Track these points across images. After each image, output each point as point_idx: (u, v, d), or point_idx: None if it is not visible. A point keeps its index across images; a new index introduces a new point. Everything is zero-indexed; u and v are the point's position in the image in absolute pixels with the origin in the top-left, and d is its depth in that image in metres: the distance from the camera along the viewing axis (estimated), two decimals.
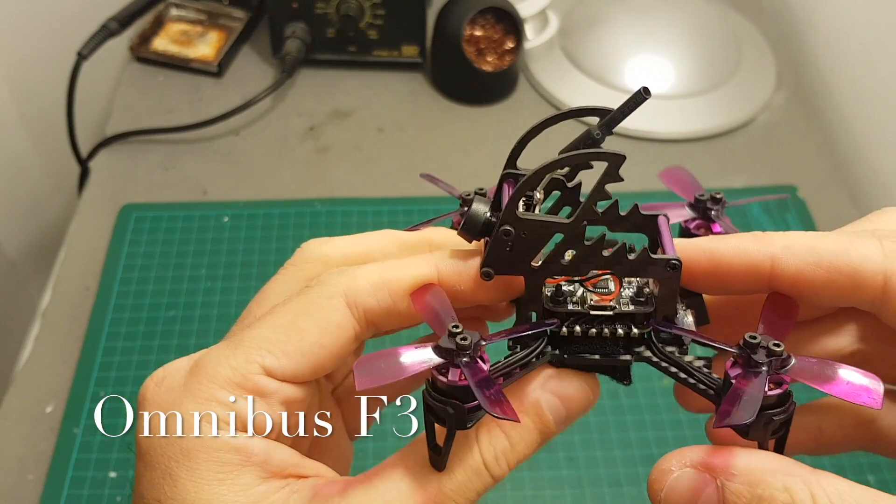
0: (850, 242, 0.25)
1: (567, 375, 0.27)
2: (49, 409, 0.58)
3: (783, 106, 0.83)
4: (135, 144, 0.76)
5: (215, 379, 0.26)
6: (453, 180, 0.83)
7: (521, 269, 0.27)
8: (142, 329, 0.62)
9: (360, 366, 0.24)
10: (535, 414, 0.27)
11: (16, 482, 0.54)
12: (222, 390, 0.25)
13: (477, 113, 0.80)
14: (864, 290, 0.25)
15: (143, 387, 0.27)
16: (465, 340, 0.24)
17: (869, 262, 0.25)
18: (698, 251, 0.27)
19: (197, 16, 0.86)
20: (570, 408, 0.27)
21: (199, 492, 0.25)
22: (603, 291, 0.28)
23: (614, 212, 0.28)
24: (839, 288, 0.25)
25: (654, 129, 0.78)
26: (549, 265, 0.27)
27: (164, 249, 0.67)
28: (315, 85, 0.83)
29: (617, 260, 0.26)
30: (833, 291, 0.26)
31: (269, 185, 0.73)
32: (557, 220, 0.26)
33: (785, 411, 0.24)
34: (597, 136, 0.29)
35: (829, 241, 0.26)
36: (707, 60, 0.83)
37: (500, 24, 0.79)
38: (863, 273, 0.25)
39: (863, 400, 0.23)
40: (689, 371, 0.27)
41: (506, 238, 0.26)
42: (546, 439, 0.27)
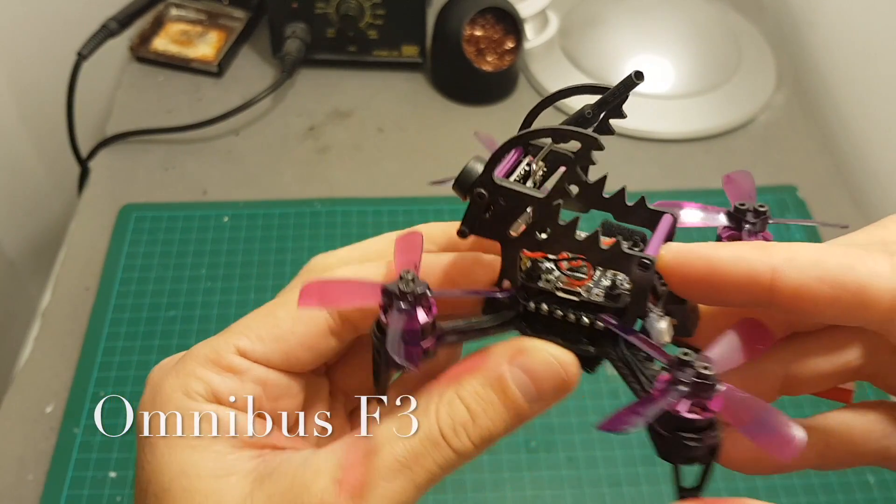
0: (858, 257, 0.24)
1: (537, 351, 0.26)
2: (49, 408, 0.58)
3: (783, 106, 0.83)
4: (135, 144, 0.76)
5: (196, 357, 0.28)
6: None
7: (497, 235, 0.26)
8: (142, 329, 0.62)
9: (310, 286, 0.25)
10: (500, 389, 0.26)
11: (16, 482, 0.54)
12: (200, 367, 0.28)
13: (477, 113, 0.80)
14: (871, 310, 0.23)
15: (150, 372, 0.30)
16: (407, 287, 0.24)
17: (878, 280, 0.23)
18: (695, 256, 0.25)
19: (197, 16, 0.86)
20: (541, 387, 0.26)
21: (172, 457, 0.26)
22: (578, 277, 0.27)
23: (621, 200, 0.27)
24: (844, 306, 0.24)
25: (654, 129, 0.79)
26: (525, 237, 0.26)
27: (164, 249, 0.67)
28: (315, 85, 0.83)
29: (589, 247, 0.26)
30: (837, 309, 0.24)
31: (269, 185, 0.73)
32: (530, 193, 0.26)
33: (699, 441, 0.23)
34: (588, 115, 0.28)
35: (836, 255, 0.24)
36: (707, 60, 0.83)
37: (500, 24, 0.79)
38: (870, 291, 0.23)
39: (775, 452, 0.22)
40: (639, 377, 0.26)
41: (480, 201, 0.26)
42: (519, 417, 0.26)
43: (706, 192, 0.74)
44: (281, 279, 0.66)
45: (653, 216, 0.27)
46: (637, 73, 0.26)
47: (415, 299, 0.25)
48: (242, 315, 0.67)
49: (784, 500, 0.55)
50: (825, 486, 0.56)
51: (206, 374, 0.27)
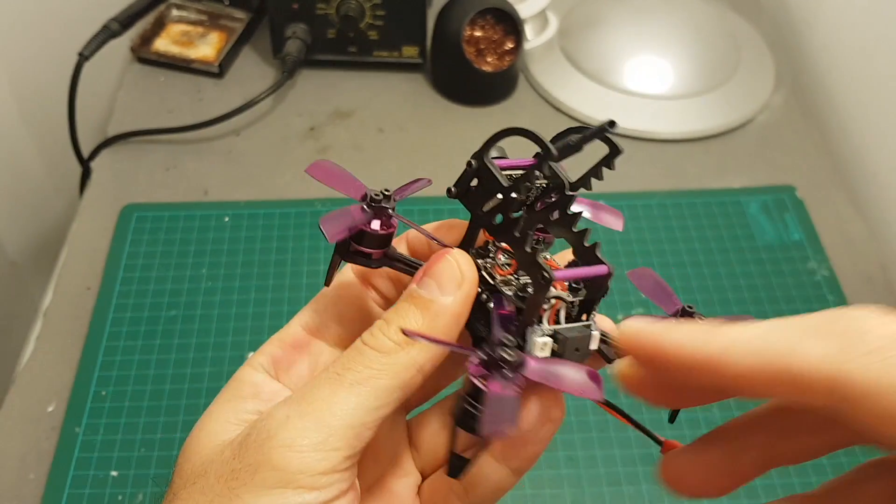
0: (798, 339, 0.23)
1: (437, 256, 0.30)
2: (51, 408, 0.58)
3: (782, 106, 0.83)
4: (136, 145, 0.76)
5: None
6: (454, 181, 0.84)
7: (472, 206, 0.31)
8: (143, 328, 0.62)
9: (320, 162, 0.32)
10: (407, 294, 0.30)
11: (17, 481, 0.55)
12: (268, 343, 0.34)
13: (477, 113, 0.81)
14: (812, 394, 0.22)
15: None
16: (377, 196, 0.31)
17: (818, 364, 0.22)
18: (645, 340, 0.25)
19: (198, 16, 0.86)
20: (440, 280, 0.29)
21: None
22: (504, 266, 0.30)
23: (580, 238, 0.30)
24: (784, 392, 0.23)
25: (653, 130, 0.79)
26: (486, 217, 0.30)
27: (165, 249, 0.68)
28: (315, 85, 0.83)
29: (517, 245, 0.29)
30: (778, 394, 0.23)
31: (269, 185, 0.74)
32: (500, 181, 0.29)
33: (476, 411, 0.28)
34: (571, 144, 0.31)
35: (774, 342, 0.23)
36: (706, 61, 0.83)
37: (500, 25, 0.79)
38: (809, 375, 0.22)
39: (589, 395, 0.26)
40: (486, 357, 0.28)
41: (468, 168, 0.31)
42: (429, 310, 0.29)
43: (705, 192, 0.74)
44: (281, 279, 0.66)
45: (593, 260, 0.30)
46: (611, 122, 0.28)
47: (378, 209, 0.30)
48: (242, 315, 0.67)
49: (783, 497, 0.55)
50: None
51: (270, 346, 0.32)
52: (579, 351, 0.29)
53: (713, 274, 0.68)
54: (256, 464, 0.27)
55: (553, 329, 0.29)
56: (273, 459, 0.26)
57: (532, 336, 0.28)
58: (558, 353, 0.28)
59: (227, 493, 0.27)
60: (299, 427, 0.27)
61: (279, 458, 0.26)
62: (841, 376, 0.21)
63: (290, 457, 0.26)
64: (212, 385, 0.59)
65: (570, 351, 0.29)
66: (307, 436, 0.27)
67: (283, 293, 0.65)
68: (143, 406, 0.58)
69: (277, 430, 0.27)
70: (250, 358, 0.32)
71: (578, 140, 0.30)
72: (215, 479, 0.27)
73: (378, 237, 0.30)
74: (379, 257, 0.31)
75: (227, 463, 0.28)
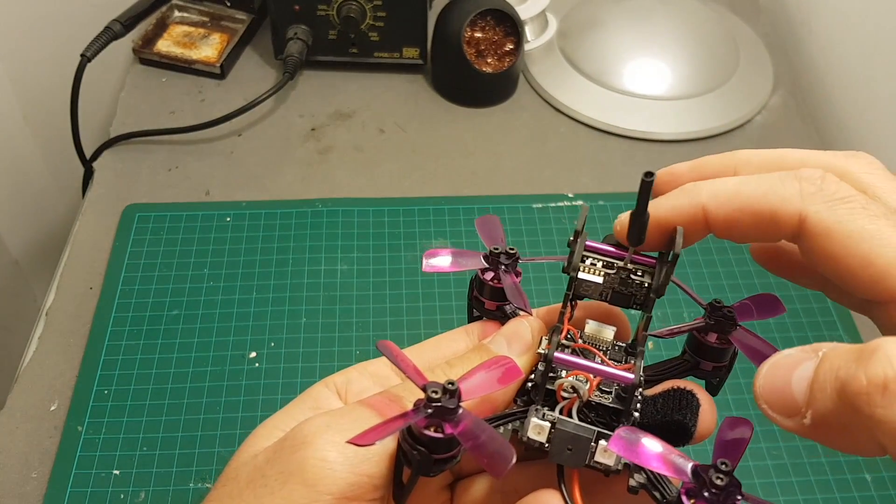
0: (770, 185, 0.28)
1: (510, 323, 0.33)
2: (53, 406, 0.58)
3: (780, 107, 0.83)
4: (138, 145, 0.77)
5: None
6: (453, 181, 0.84)
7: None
8: (145, 328, 0.63)
9: (427, 256, 0.33)
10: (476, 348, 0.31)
11: (20, 479, 0.55)
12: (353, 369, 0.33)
13: (477, 114, 0.81)
14: (783, 230, 0.27)
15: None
16: (511, 251, 0.32)
17: (786, 205, 0.27)
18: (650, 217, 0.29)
19: (200, 18, 0.87)
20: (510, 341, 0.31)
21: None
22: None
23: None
24: (764, 228, 0.28)
25: (652, 130, 0.79)
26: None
27: (167, 249, 0.68)
28: (317, 86, 0.83)
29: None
30: (759, 231, 0.28)
31: (271, 185, 0.74)
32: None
33: (416, 451, 0.26)
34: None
35: (752, 185, 0.28)
36: (705, 62, 0.84)
37: (501, 26, 0.80)
38: (780, 215, 0.27)
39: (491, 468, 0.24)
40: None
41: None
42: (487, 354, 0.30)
43: None
44: (282, 279, 0.66)
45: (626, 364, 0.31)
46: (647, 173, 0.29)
47: (512, 263, 0.32)
48: (244, 314, 0.67)
49: (782, 498, 0.56)
50: (823, 483, 0.56)
51: (351, 370, 0.32)
52: (572, 451, 0.28)
53: (713, 274, 0.68)
54: (288, 473, 0.26)
55: (556, 417, 0.28)
56: (306, 471, 0.26)
57: (531, 415, 0.28)
58: (550, 443, 0.28)
59: (253, 500, 0.26)
60: (337, 441, 0.26)
61: (312, 471, 0.26)
62: (804, 213, 0.26)
63: (323, 473, 0.26)
64: (213, 384, 0.60)
65: (559, 445, 0.28)
66: (343, 452, 0.26)
67: (284, 293, 0.65)
68: (146, 405, 0.59)
69: (314, 438, 0.26)
70: (328, 377, 0.32)
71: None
72: (245, 483, 0.27)
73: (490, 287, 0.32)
74: (492, 308, 0.33)
75: (259, 468, 0.27)
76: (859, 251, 0.25)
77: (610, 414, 0.29)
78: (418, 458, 0.26)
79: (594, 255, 0.31)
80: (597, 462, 0.28)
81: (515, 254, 0.32)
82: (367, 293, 0.66)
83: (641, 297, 0.31)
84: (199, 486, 0.55)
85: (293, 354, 0.62)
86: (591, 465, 0.28)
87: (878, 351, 0.21)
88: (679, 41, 0.84)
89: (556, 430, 0.28)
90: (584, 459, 0.28)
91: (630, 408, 0.29)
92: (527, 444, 0.28)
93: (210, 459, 0.56)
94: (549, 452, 0.28)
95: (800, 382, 0.23)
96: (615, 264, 0.31)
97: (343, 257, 0.68)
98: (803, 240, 0.27)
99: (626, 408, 0.29)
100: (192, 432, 0.57)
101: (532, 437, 0.28)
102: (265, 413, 0.58)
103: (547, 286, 0.65)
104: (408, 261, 0.68)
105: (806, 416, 0.22)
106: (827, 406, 0.22)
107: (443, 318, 0.64)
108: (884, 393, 0.20)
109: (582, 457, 0.28)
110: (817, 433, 0.23)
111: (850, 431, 0.22)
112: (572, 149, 0.78)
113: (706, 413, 0.30)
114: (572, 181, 0.75)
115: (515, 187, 0.74)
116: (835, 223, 0.26)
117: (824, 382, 0.22)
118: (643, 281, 0.31)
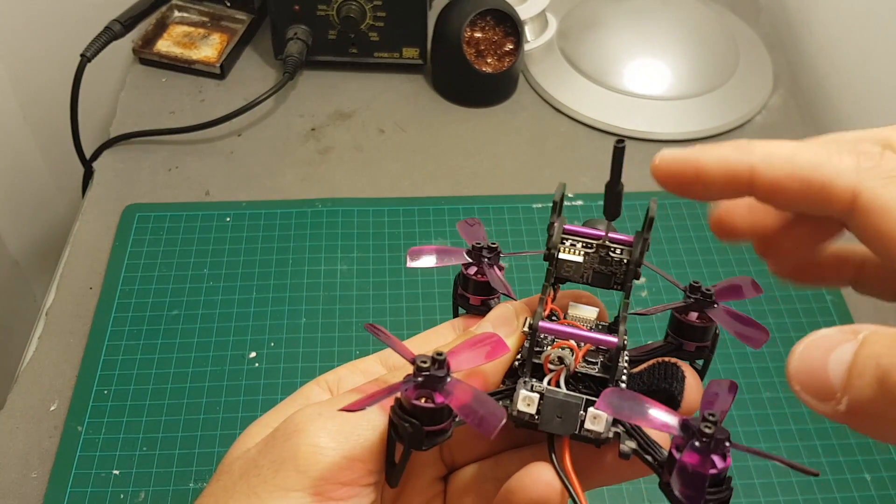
0: (826, 155, 0.26)
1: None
2: (53, 406, 0.58)
3: (780, 107, 0.83)
4: (138, 145, 0.77)
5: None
6: (454, 181, 0.84)
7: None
8: (145, 328, 0.63)
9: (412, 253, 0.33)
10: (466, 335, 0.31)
11: (19, 479, 0.55)
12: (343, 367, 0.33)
13: (477, 114, 0.81)
14: (834, 203, 0.26)
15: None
16: (493, 245, 0.33)
17: (840, 178, 0.25)
18: (683, 160, 0.28)
19: (199, 18, 0.87)
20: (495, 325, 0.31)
21: None
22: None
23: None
24: (812, 198, 0.26)
25: (652, 130, 0.79)
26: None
27: (167, 249, 0.68)
28: (316, 86, 0.83)
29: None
30: (806, 201, 0.26)
31: (271, 185, 0.74)
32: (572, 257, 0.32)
33: (406, 424, 0.26)
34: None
35: (808, 153, 0.26)
36: (705, 62, 0.84)
37: (500, 26, 0.80)
38: (833, 187, 0.25)
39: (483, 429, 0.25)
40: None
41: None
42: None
43: None
44: (282, 279, 0.66)
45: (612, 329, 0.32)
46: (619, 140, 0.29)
47: (494, 256, 0.33)
48: (244, 314, 0.67)
49: (781, 497, 0.56)
50: (823, 483, 0.56)
51: (341, 368, 0.32)
52: (562, 419, 0.28)
53: (712, 274, 0.68)
54: (281, 460, 0.26)
55: (544, 388, 0.29)
56: (299, 457, 0.26)
57: (519, 388, 0.29)
58: (539, 413, 0.28)
59: (247, 490, 0.26)
60: (329, 427, 0.26)
61: (304, 457, 0.26)
62: (859, 188, 0.25)
63: (315, 458, 0.26)
64: (213, 384, 0.60)
65: (549, 413, 0.28)
66: (335, 438, 0.26)
67: (284, 293, 0.65)
68: (145, 405, 0.59)
69: (307, 425, 0.26)
70: (320, 376, 0.32)
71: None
72: (239, 475, 0.27)
73: (474, 282, 0.33)
74: (477, 304, 0.34)
75: (252, 459, 0.27)
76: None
77: (597, 384, 0.30)
78: (410, 430, 0.26)
79: (573, 236, 0.32)
80: (587, 430, 0.28)
81: (497, 248, 0.33)
82: (367, 293, 0.66)
83: (621, 275, 0.31)
84: (199, 486, 0.55)
85: (293, 354, 0.62)
86: (581, 434, 0.28)
87: None
88: (679, 41, 0.84)
89: (545, 398, 0.28)
90: (575, 425, 0.28)
91: (616, 375, 0.29)
92: (517, 420, 0.28)
93: (210, 459, 0.56)
94: (539, 421, 0.28)
95: (838, 366, 0.22)
96: (593, 244, 0.31)
97: (343, 257, 0.68)
98: (855, 216, 0.25)
99: (612, 375, 0.29)
100: (191, 432, 0.57)
101: (522, 409, 0.28)
102: (265, 413, 0.58)
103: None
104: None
105: (842, 402, 0.22)
106: (865, 393, 0.21)
107: (443, 318, 0.63)
108: None
109: (572, 423, 0.28)
110: (853, 419, 0.22)
111: (887, 420, 0.21)
112: (572, 149, 0.78)
113: (691, 386, 0.30)
114: (572, 181, 0.75)
115: (515, 187, 0.74)
116: (890, 200, 0.25)
117: (864, 368, 0.21)
118: (622, 258, 0.31)
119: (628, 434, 0.28)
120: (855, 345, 0.22)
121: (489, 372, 0.30)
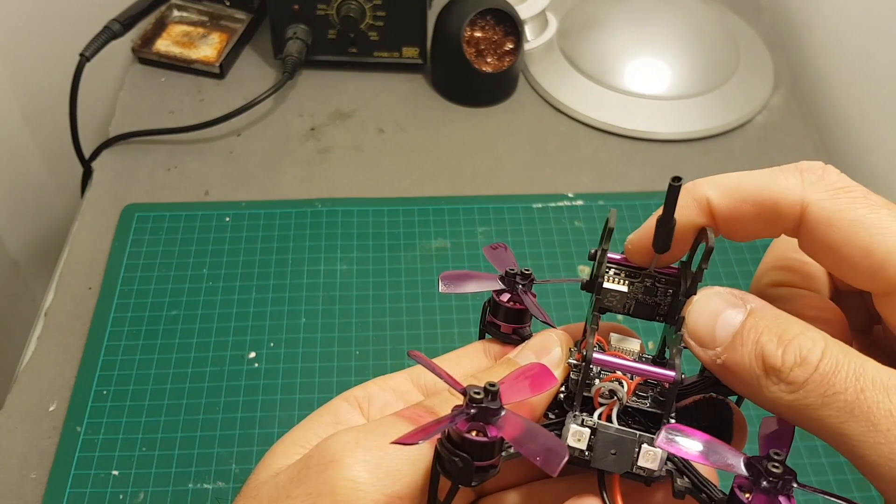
0: (772, 176, 0.27)
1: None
2: (52, 407, 0.58)
3: (781, 107, 0.83)
4: (137, 145, 0.77)
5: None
6: (454, 181, 0.84)
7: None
8: (144, 328, 0.63)
9: (444, 278, 0.31)
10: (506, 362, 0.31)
11: (18, 480, 0.55)
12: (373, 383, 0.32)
13: (477, 114, 0.81)
14: (784, 220, 0.27)
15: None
16: (526, 272, 0.31)
17: (788, 195, 0.27)
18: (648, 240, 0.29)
19: (199, 17, 0.87)
20: (538, 354, 0.30)
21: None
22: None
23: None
24: (765, 220, 0.27)
25: (652, 130, 0.79)
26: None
27: (167, 249, 0.68)
28: (316, 86, 0.83)
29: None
30: (762, 223, 0.28)
31: (270, 185, 0.74)
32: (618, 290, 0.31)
33: (455, 458, 0.24)
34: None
35: (754, 177, 0.28)
36: (705, 62, 0.84)
37: (500, 26, 0.80)
38: (782, 204, 0.27)
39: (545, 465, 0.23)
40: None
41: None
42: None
43: None
44: (282, 279, 0.66)
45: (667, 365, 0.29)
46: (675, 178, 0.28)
47: (528, 282, 0.31)
48: (244, 315, 0.67)
49: None
50: (823, 483, 0.56)
51: (370, 384, 0.30)
52: (616, 455, 0.27)
53: (712, 274, 0.68)
54: (316, 494, 0.24)
55: (596, 422, 0.28)
56: (336, 493, 0.24)
57: (569, 422, 0.27)
58: (591, 449, 0.27)
59: None
60: (368, 460, 0.25)
61: (342, 493, 0.24)
62: (806, 202, 0.27)
63: (355, 495, 0.24)
64: (212, 384, 0.60)
65: (602, 449, 0.27)
66: (375, 472, 0.25)
67: (284, 293, 0.65)
68: (145, 405, 0.58)
69: (344, 456, 0.25)
70: (347, 391, 0.30)
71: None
72: (268, 502, 0.25)
73: (505, 309, 0.32)
74: (508, 332, 0.32)
75: (282, 488, 0.25)
76: (860, 240, 0.25)
77: (647, 419, 0.28)
78: (459, 465, 0.24)
79: (615, 265, 0.31)
80: (640, 468, 0.27)
81: (531, 275, 0.32)
82: (367, 293, 0.65)
83: (665, 306, 0.30)
84: (198, 486, 0.55)
85: (293, 354, 0.61)
86: (633, 472, 0.27)
87: (794, 341, 0.25)
88: (679, 41, 0.84)
89: (599, 433, 0.27)
90: (630, 462, 0.27)
91: (669, 410, 0.28)
92: None
93: (209, 460, 0.56)
94: (593, 457, 0.27)
95: (724, 328, 0.26)
96: (639, 273, 0.30)
97: (343, 257, 0.68)
98: (804, 230, 0.27)
99: (667, 410, 0.28)
100: (191, 433, 0.57)
101: (571, 444, 0.27)
102: (265, 413, 0.58)
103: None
104: (408, 261, 0.68)
105: (721, 357, 0.26)
106: (742, 360, 0.25)
107: (442, 318, 0.64)
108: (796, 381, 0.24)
109: (627, 460, 0.27)
110: (723, 373, 0.26)
111: (752, 384, 0.25)
112: (572, 149, 0.78)
113: (738, 424, 0.30)
114: (572, 181, 0.75)
115: (515, 187, 0.74)
116: (836, 212, 0.26)
117: (746, 339, 0.25)
118: (668, 289, 0.30)
119: (678, 471, 0.27)
120: (743, 314, 0.26)
121: (536, 404, 0.29)
